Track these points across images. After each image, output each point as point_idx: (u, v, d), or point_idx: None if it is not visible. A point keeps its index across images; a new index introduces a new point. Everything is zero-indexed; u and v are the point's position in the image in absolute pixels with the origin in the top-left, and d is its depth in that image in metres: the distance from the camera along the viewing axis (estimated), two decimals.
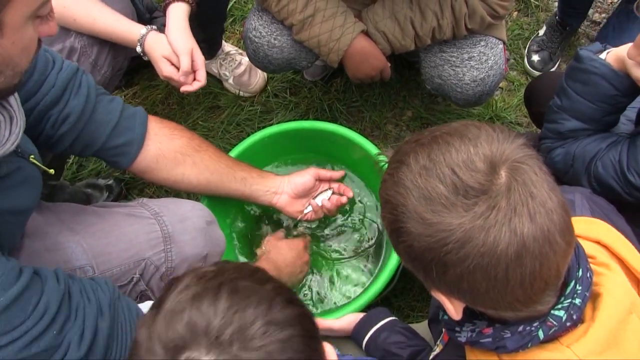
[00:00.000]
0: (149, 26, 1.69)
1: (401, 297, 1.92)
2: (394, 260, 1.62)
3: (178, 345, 0.76)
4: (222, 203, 1.78)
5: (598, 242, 1.03)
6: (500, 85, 2.32)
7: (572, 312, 0.89)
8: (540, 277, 0.82)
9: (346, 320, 1.55)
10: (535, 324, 0.90)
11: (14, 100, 1.07)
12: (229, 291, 0.80)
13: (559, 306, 0.90)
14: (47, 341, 1.00)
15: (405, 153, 0.88)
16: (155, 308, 0.83)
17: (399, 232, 0.86)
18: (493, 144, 0.83)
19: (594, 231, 1.04)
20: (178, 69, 1.66)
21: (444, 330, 1.15)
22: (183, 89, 1.69)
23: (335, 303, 1.80)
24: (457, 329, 1.00)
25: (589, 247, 1.00)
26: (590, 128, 1.47)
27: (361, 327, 1.51)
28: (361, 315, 1.54)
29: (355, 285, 1.83)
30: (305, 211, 1.78)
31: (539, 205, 0.80)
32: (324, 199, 1.79)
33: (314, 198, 1.79)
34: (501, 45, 1.81)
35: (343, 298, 1.81)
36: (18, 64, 0.96)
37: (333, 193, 1.81)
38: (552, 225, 0.81)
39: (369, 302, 1.61)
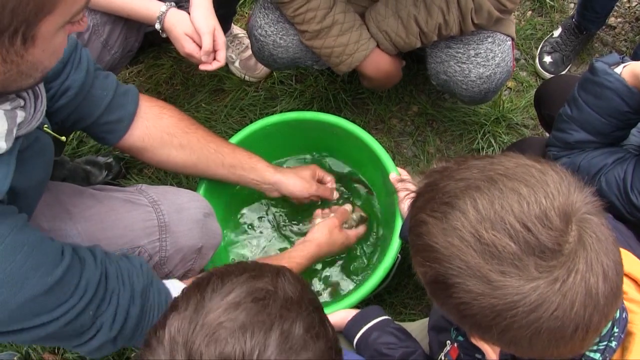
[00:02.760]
0: (168, 3, 1.68)
1: (395, 294, 1.92)
2: (389, 258, 1.61)
3: None
4: (222, 191, 1.78)
5: (627, 276, 0.97)
6: (509, 85, 2.30)
7: (607, 354, 0.87)
8: (601, 329, 0.78)
9: (338, 316, 1.54)
10: None
11: None
12: (280, 336, 0.75)
13: (594, 348, 0.87)
14: (83, 321, 1.09)
15: (455, 195, 0.79)
16: (195, 306, 0.78)
17: (450, 287, 0.78)
18: (564, 193, 0.76)
19: (627, 265, 1.00)
20: (199, 47, 1.67)
21: (449, 344, 1.13)
22: (202, 67, 1.71)
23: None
24: (478, 356, 0.97)
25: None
26: (598, 141, 1.44)
27: (353, 325, 1.50)
28: (353, 311, 1.54)
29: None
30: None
31: (612, 261, 0.76)
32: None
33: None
34: (509, 42, 1.79)
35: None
36: (47, 66, 0.97)
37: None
38: (619, 280, 0.77)
39: (362, 298, 1.60)
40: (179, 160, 1.54)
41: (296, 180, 1.72)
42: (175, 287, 1.26)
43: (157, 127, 1.49)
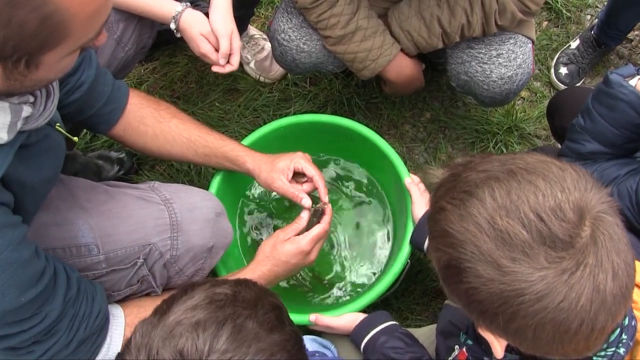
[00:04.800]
0: (184, 3, 1.70)
1: (402, 299, 1.92)
2: (399, 263, 1.62)
3: None
4: (234, 190, 1.79)
5: (638, 286, 0.98)
6: (522, 95, 2.29)
7: None
8: (606, 331, 0.79)
9: (346, 319, 1.55)
10: None
11: None
12: (233, 330, 0.79)
13: (602, 354, 0.88)
14: (22, 343, 1.12)
15: (475, 184, 0.81)
16: (160, 314, 0.83)
17: (462, 271, 0.80)
18: (580, 190, 0.78)
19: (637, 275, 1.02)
20: (214, 48, 1.69)
21: (458, 348, 1.14)
22: (214, 68, 1.72)
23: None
24: (486, 358, 0.98)
25: None
26: (611, 152, 1.44)
27: (361, 329, 1.51)
28: (361, 315, 1.54)
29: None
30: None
31: (622, 261, 0.77)
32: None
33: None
34: (530, 44, 1.80)
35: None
36: (53, 80, 1.01)
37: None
38: (630, 282, 0.78)
39: (370, 302, 1.60)
40: (155, 149, 1.58)
41: (266, 170, 1.62)
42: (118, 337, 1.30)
43: (135, 118, 1.53)
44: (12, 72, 0.88)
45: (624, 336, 0.88)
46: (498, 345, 0.87)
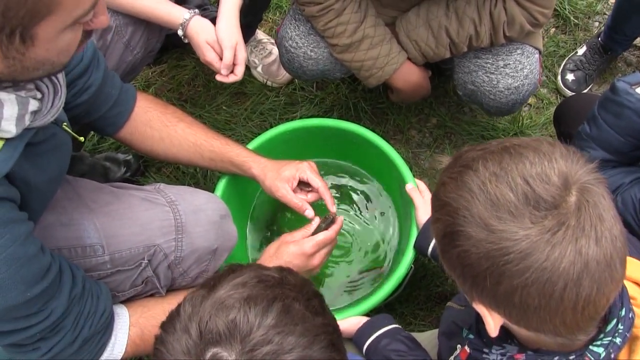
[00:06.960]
0: (192, 10, 1.71)
1: (405, 304, 1.92)
2: (403, 267, 1.62)
3: (213, 339, 0.78)
4: (240, 193, 1.80)
5: (637, 283, 1.01)
6: (529, 101, 2.29)
7: (611, 350, 0.89)
8: (594, 303, 0.81)
9: (349, 322, 1.55)
10: (571, 357, 0.90)
11: (61, 75, 1.11)
12: (282, 309, 0.82)
13: (598, 342, 0.89)
14: (27, 339, 1.14)
15: (472, 159, 0.87)
16: (208, 288, 0.85)
17: (455, 235, 0.84)
18: (568, 161, 0.82)
19: (636, 272, 1.02)
20: (219, 56, 1.70)
21: (460, 347, 1.15)
22: (218, 77, 1.74)
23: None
24: (486, 350, 0.99)
25: (630, 288, 0.99)
26: (617, 160, 1.45)
27: (363, 332, 1.51)
28: (364, 319, 1.55)
29: None
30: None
31: (606, 229, 0.80)
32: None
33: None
34: (537, 55, 1.80)
35: None
36: (56, 62, 0.99)
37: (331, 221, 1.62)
38: (615, 253, 0.80)
39: (374, 306, 1.60)
40: (161, 152, 1.59)
41: (271, 178, 1.62)
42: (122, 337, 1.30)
43: (142, 121, 1.54)
44: (8, 48, 0.88)
45: (620, 326, 0.90)
46: (492, 321, 0.88)
